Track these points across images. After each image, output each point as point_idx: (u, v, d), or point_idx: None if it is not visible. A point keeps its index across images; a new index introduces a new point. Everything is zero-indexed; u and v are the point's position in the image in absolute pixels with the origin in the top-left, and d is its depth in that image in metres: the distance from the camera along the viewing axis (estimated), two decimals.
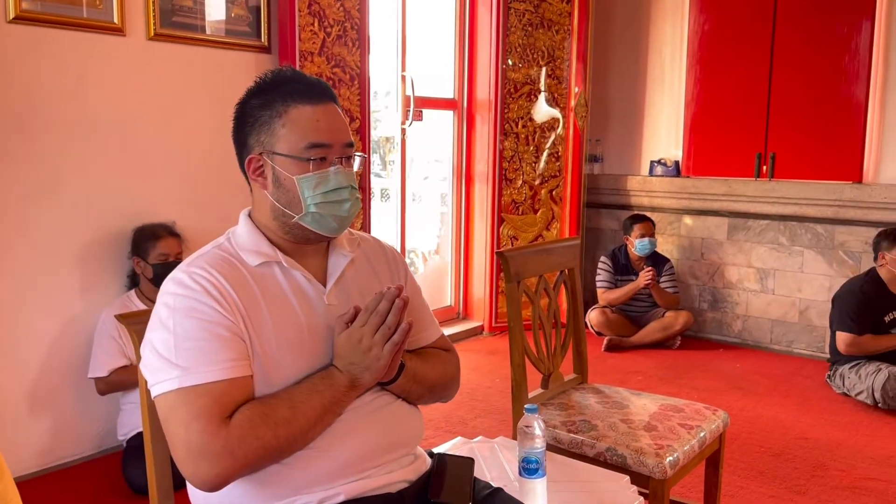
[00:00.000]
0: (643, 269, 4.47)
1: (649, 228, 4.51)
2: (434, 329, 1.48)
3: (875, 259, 3.62)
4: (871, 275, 3.61)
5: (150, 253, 2.79)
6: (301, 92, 1.25)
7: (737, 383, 3.85)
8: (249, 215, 1.32)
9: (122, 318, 1.34)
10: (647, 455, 1.83)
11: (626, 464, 1.85)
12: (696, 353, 4.39)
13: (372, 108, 3.95)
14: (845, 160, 4.18)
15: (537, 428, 1.52)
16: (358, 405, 1.25)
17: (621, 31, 5.00)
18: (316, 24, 3.39)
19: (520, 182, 4.65)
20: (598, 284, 4.63)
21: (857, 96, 4.13)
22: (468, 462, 1.38)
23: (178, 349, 1.13)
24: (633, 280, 4.51)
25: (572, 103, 4.68)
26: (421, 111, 4.32)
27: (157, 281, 2.77)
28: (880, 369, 3.38)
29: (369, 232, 3.78)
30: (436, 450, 1.54)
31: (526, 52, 4.55)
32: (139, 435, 2.67)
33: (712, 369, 4.10)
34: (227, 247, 1.27)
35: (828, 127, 4.23)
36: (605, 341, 4.39)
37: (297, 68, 3.29)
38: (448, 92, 4.68)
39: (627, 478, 1.74)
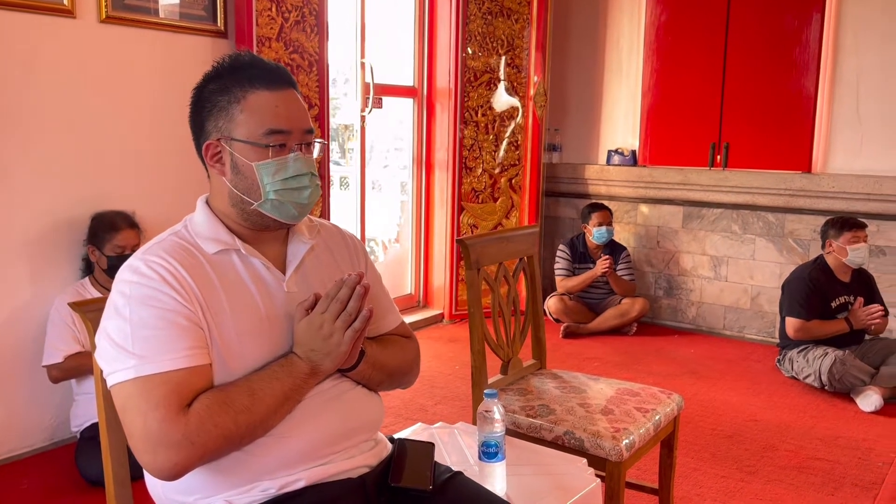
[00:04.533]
0: (601, 257, 4.53)
1: (607, 217, 4.57)
2: (394, 316, 1.48)
3: (823, 247, 3.72)
4: (819, 262, 3.72)
5: (107, 244, 2.73)
6: (260, 77, 1.23)
7: (691, 368, 3.94)
8: (207, 202, 1.31)
9: (75, 306, 1.31)
10: (603, 438, 1.87)
11: (583, 447, 1.88)
12: (651, 339, 4.48)
13: (331, 96, 3.92)
14: (795, 150, 4.30)
15: (497, 412, 1.54)
16: (318, 392, 1.25)
17: (580, 22, 5.04)
18: (273, 10, 3.35)
19: (480, 170, 4.67)
20: (557, 272, 4.68)
21: (807, 88, 4.24)
22: (428, 447, 1.40)
23: (135, 338, 1.12)
24: (590, 268, 4.57)
25: (531, 92, 4.71)
26: (380, 98, 4.30)
27: (112, 272, 2.72)
28: (827, 353, 3.49)
29: (329, 220, 3.76)
30: (396, 435, 1.55)
31: (485, 41, 4.56)
32: (93, 426, 2.63)
33: (667, 355, 4.19)
34: (185, 234, 1.26)
35: (779, 118, 4.33)
36: (562, 328, 4.45)
37: (255, 54, 3.26)
38: (408, 79, 4.66)
39: (585, 460, 1.78)
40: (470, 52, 4.52)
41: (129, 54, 2.96)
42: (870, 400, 3.33)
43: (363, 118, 4.28)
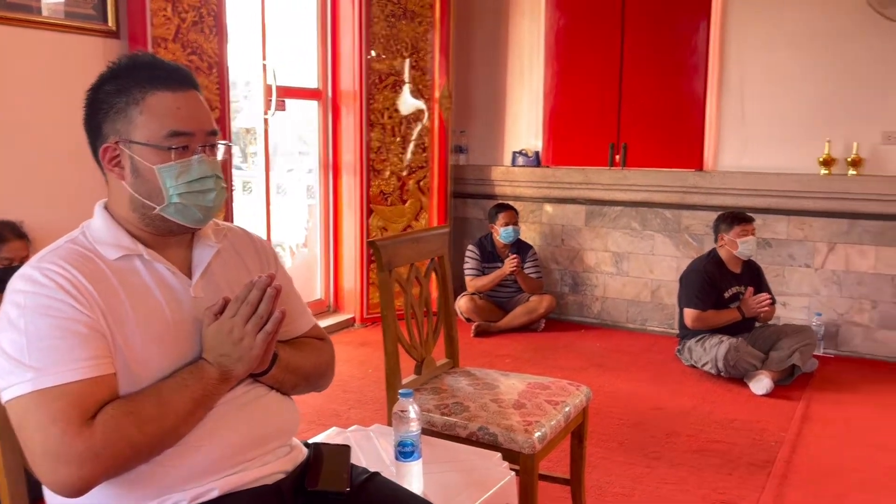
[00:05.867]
0: (508, 256, 4.62)
1: (513, 217, 4.67)
2: (307, 318, 1.47)
3: (715, 241, 3.93)
4: (712, 255, 3.93)
5: None
6: (160, 78, 1.20)
7: (597, 361, 4.07)
8: (106, 207, 1.26)
9: None
10: (516, 432, 1.91)
11: (497, 441, 1.92)
12: (559, 335, 4.60)
13: (231, 98, 3.83)
14: (688, 150, 4.52)
15: (412, 412, 1.55)
16: (230, 398, 1.22)
17: (483, 25, 5.13)
18: (169, 9, 3.24)
19: (388, 173, 4.67)
20: (466, 272, 4.74)
21: (697, 91, 4.47)
22: (344, 449, 1.39)
23: (31, 349, 1.06)
24: (499, 267, 4.65)
25: (436, 95, 4.74)
26: (283, 101, 4.24)
27: None
28: (722, 341, 3.69)
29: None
30: (311, 440, 1.54)
31: (390, 44, 4.56)
32: None
33: (575, 349, 4.31)
34: (82, 240, 1.21)
35: (672, 118, 4.55)
36: (473, 327, 4.51)
37: (154, 54, 3.15)
38: (311, 82, 4.61)
39: (499, 455, 1.81)
40: (374, 54, 4.51)
41: (12, 55, 2.80)
42: (761, 384, 3.54)
43: (266, 121, 4.20)
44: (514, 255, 4.59)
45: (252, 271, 1.36)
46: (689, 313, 3.82)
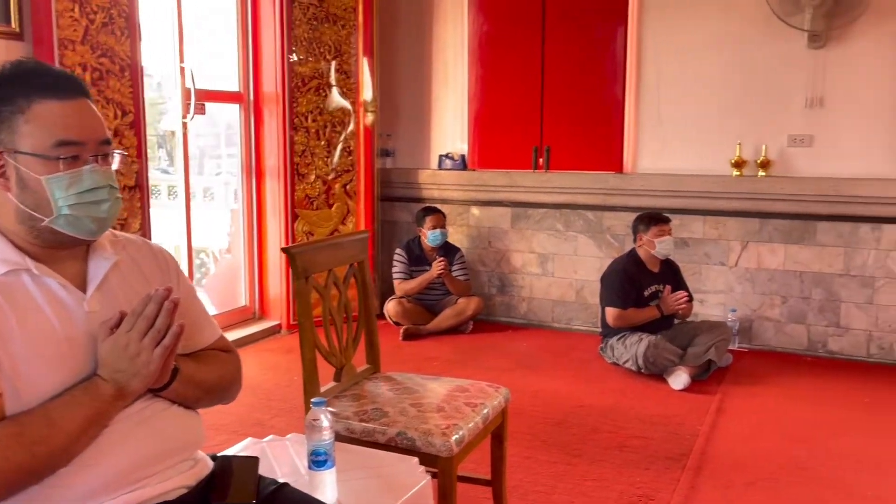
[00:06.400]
0: (436, 259, 4.64)
1: (440, 220, 4.69)
2: (211, 330, 1.44)
3: (634, 241, 4.04)
4: (632, 255, 4.03)
5: None
6: (47, 86, 1.16)
7: (523, 361, 4.13)
8: None
9: None
10: (434, 435, 1.92)
11: (415, 446, 1.92)
12: (487, 336, 4.65)
13: (156, 101, 3.73)
14: (609, 152, 4.63)
15: (324, 420, 1.54)
16: (128, 414, 1.19)
17: (407, 29, 5.13)
18: (77, 10, 3.13)
19: (313, 177, 4.62)
20: (395, 276, 4.73)
21: (616, 94, 4.58)
22: (252, 461, 1.37)
23: None
24: (427, 270, 4.67)
25: (361, 98, 4.73)
26: (203, 104, 4.14)
27: None
28: (642, 339, 3.79)
29: (150, 234, 3.57)
30: (221, 453, 1.51)
31: (313, 46, 4.52)
32: None
33: (502, 349, 4.36)
34: None
35: (593, 122, 4.65)
36: (402, 330, 4.51)
37: (57, 58, 3.05)
38: (233, 85, 4.52)
39: (416, 459, 1.82)
40: (297, 57, 4.46)
41: None
42: (680, 379, 3.65)
43: (185, 125, 4.10)
44: (442, 259, 4.61)
45: (152, 283, 1.32)
46: (611, 312, 3.92)
